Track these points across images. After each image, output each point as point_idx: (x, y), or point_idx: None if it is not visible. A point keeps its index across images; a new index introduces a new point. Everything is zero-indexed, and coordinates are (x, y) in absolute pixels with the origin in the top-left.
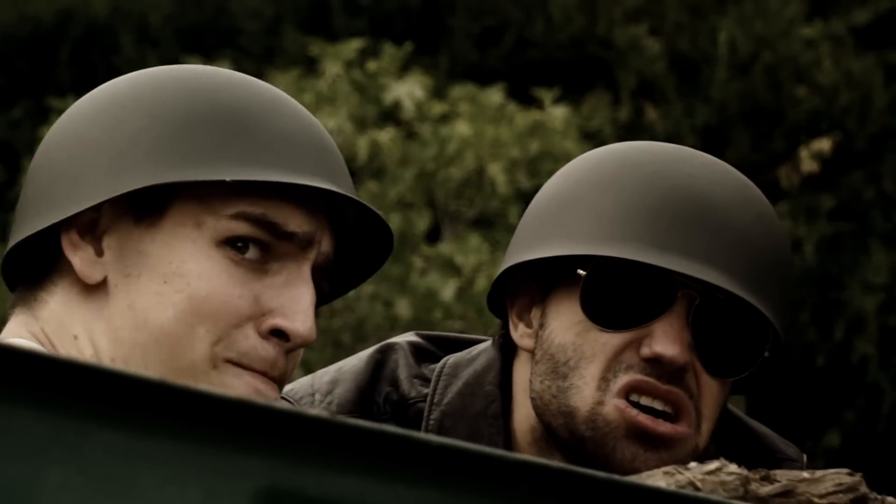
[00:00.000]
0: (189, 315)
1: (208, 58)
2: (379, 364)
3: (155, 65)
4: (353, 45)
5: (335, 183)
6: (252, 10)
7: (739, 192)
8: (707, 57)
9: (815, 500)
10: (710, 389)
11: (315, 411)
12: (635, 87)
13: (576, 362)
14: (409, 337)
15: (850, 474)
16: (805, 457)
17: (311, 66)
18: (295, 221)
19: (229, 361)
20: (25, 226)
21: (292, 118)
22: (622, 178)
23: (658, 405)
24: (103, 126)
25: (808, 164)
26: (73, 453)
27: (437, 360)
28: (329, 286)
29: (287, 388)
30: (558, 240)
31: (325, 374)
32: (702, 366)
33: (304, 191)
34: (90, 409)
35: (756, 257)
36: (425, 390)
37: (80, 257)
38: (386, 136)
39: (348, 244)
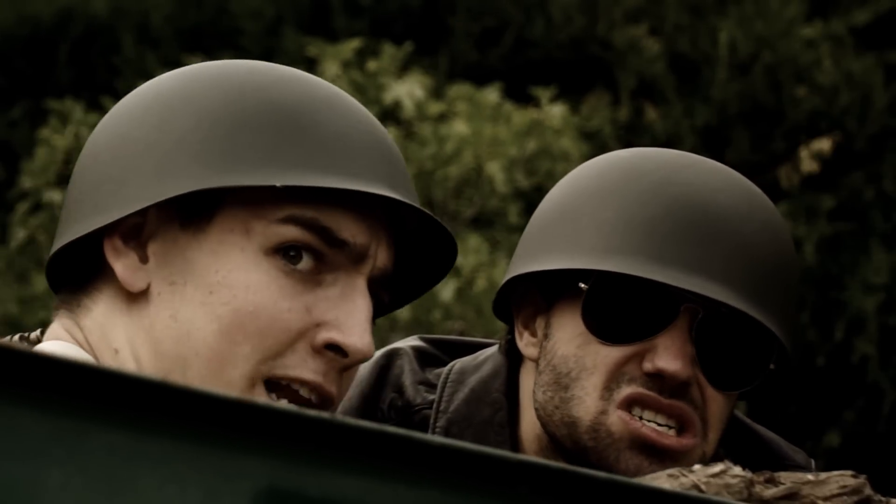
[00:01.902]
0: (234, 330)
1: (208, 58)
2: (383, 370)
3: (154, 65)
4: (351, 45)
5: (394, 188)
6: (252, 11)
7: (744, 200)
8: (707, 57)
9: (820, 502)
10: (715, 401)
11: (315, 411)
12: (635, 87)
13: (577, 374)
14: (414, 341)
15: (854, 476)
16: (813, 462)
17: (311, 67)
18: (349, 230)
19: (272, 378)
20: (70, 229)
21: (350, 118)
22: (624, 187)
23: (661, 419)
24: (149, 126)
25: (808, 164)
26: (74, 453)
27: (443, 365)
28: (389, 295)
29: None
30: (560, 252)
31: None
32: (706, 379)
33: (359, 197)
34: (90, 409)
35: (760, 268)
36: (431, 397)
37: (122, 264)
38: None
39: (409, 250)
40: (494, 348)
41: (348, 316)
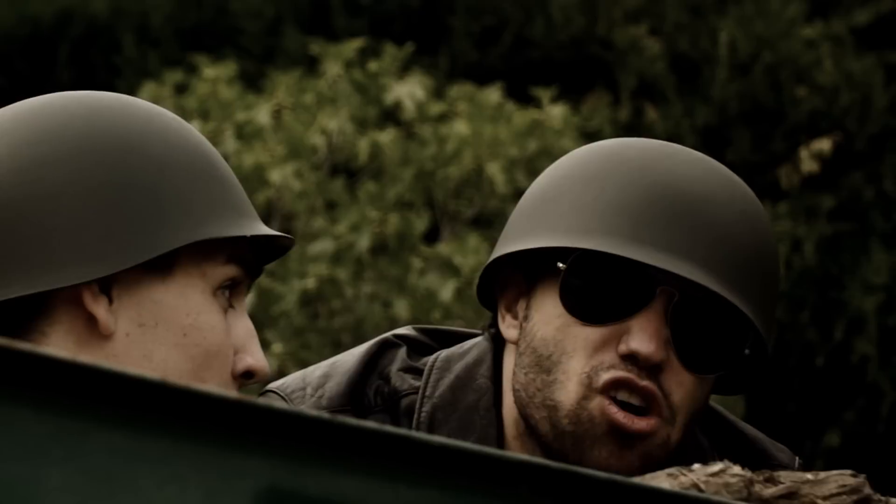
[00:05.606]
0: (204, 368)
1: (209, 58)
2: (374, 357)
3: (156, 65)
4: (353, 45)
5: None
6: (252, 10)
7: (724, 188)
8: (707, 57)
9: (819, 501)
10: (687, 385)
11: (315, 412)
12: (635, 87)
13: (558, 357)
14: (406, 331)
15: (853, 475)
16: (797, 459)
17: (311, 67)
18: (250, 256)
19: None
20: (31, 272)
21: (213, 156)
22: (606, 172)
23: (635, 400)
24: (112, 172)
25: (808, 164)
26: (74, 453)
27: (433, 354)
28: None
29: (278, 382)
30: (541, 232)
31: (317, 370)
32: (679, 362)
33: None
34: (90, 409)
35: (737, 254)
36: (416, 383)
37: (103, 309)
38: (387, 137)
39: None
40: (480, 337)
41: (250, 340)
